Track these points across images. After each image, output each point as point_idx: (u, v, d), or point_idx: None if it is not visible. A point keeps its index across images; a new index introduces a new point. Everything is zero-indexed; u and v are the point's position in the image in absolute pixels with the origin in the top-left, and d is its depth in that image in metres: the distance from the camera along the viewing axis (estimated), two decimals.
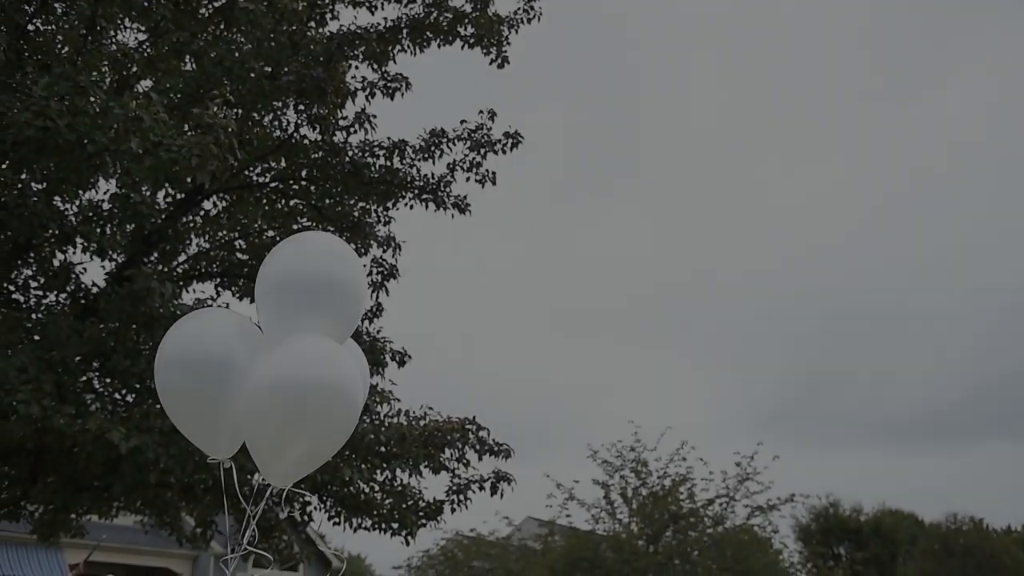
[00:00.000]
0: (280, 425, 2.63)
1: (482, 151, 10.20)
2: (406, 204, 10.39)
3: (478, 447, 9.42)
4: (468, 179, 10.31)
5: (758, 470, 21.55)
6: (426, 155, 10.21)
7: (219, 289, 10.59)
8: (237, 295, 10.68)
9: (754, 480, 21.57)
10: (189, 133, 7.16)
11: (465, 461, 9.45)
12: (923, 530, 37.81)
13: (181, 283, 10.24)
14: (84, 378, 8.93)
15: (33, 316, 9.06)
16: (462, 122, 10.18)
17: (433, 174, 10.31)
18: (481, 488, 9.55)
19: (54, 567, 22.08)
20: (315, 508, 9.63)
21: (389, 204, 10.49)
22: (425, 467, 9.23)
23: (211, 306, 8.89)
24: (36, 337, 8.03)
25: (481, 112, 10.19)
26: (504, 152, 10.22)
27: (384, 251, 10.67)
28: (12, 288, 9.48)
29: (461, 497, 9.53)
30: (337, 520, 9.56)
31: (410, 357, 10.65)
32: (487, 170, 10.30)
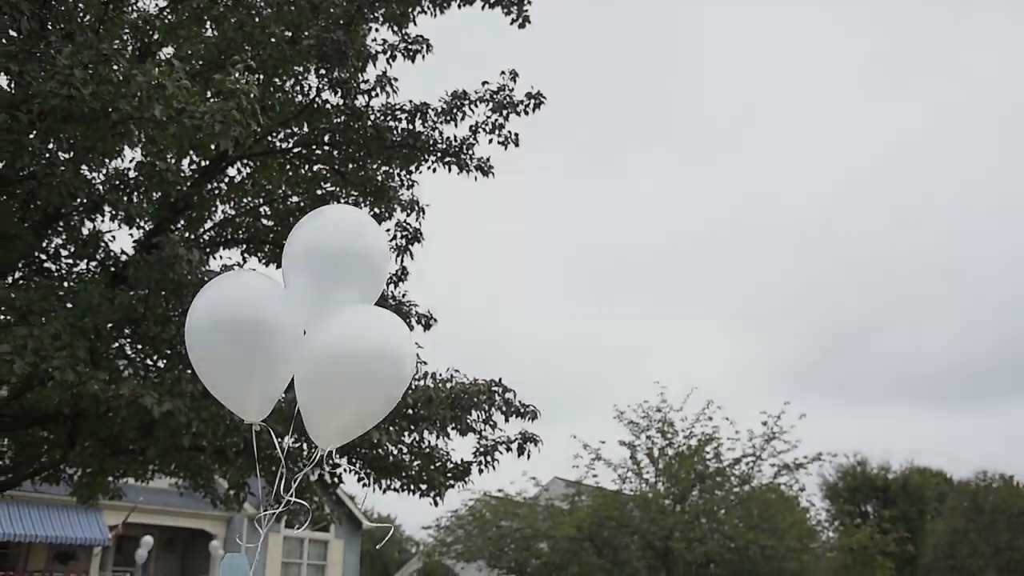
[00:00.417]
0: (335, 392, 2.67)
1: (504, 112, 10.13)
2: (429, 167, 10.37)
3: (504, 409, 9.47)
4: (491, 141, 10.26)
5: (784, 429, 21.59)
6: (448, 118, 10.16)
7: (245, 255, 10.67)
8: (263, 261, 10.76)
9: (780, 439, 21.61)
10: (212, 99, 7.16)
11: (492, 423, 9.51)
12: (952, 488, 37.70)
13: (208, 250, 10.33)
14: (116, 344, 9.08)
15: (65, 284, 9.20)
16: (484, 83, 10.10)
17: (455, 136, 10.27)
18: (508, 449, 9.62)
19: (94, 528, 22.67)
20: (345, 470, 9.78)
21: (412, 167, 10.48)
22: (452, 429, 9.31)
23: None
24: (68, 305, 8.15)
25: (503, 73, 10.10)
26: (527, 113, 10.14)
27: (408, 215, 10.69)
28: (44, 257, 9.62)
29: (488, 458, 9.60)
30: (367, 482, 9.69)
31: (435, 320, 10.71)
32: (510, 132, 10.24)
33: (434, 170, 10.37)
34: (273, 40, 9.10)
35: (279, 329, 2.62)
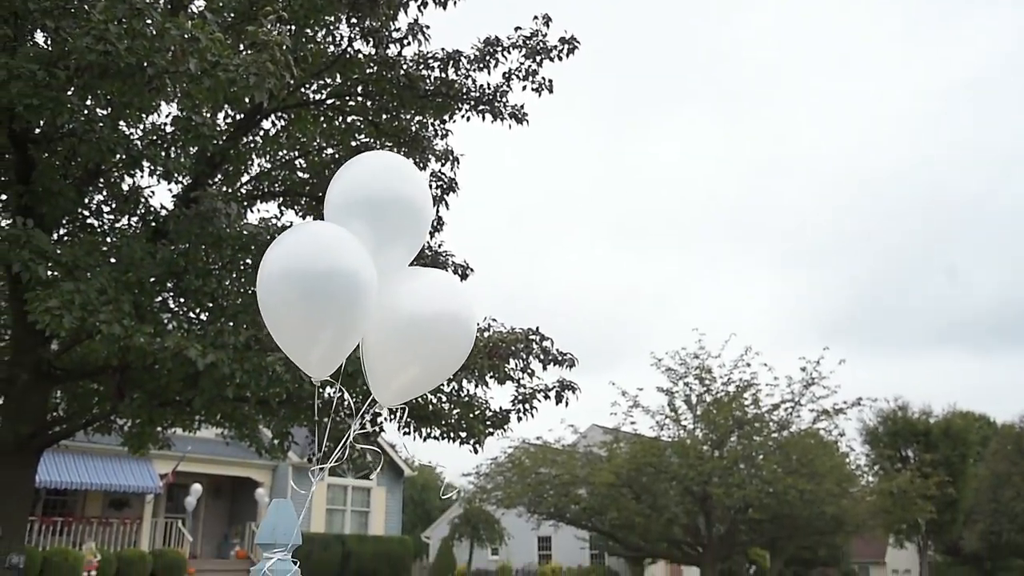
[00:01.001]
0: (403, 353, 2.67)
1: (538, 59, 9.99)
2: (463, 116, 10.30)
3: (542, 357, 9.50)
4: (524, 88, 10.14)
5: (823, 375, 21.46)
6: (481, 65, 10.04)
7: (282, 208, 10.75)
8: (300, 213, 10.82)
9: (819, 385, 21.50)
10: (245, 52, 7.15)
11: (530, 371, 9.56)
12: (995, 431, 37.34)
13: (245, 203, 10.42)
14: (159, 298, 9.24)
15: (108, 240, 9.35)
16: (516, 29, 9.94)
17: (489, 84, 10.16)
18: (546, 397, 9.68)
19: (146, 476, 23.39)
20: (386, 419, 9.92)
21: (446, 117, 10.41)
22: (491, 378, 9.37)
23: (276, 225, 9.02)
24: (112, 260, 8.29)
25: (536, 18, 9.93)
26: (560, 59, 9.98)
27: (442, 165, 10.65)
28: (87, 213, 9.78)
29: (527, 406, 9.67)
30: (407, 430, 9.83)
31: (472, 270, 10.73)
32: (544, 78, 10.10)
33: (468, 119, 10.29)
34: None
35: (356, 283, 2.56)
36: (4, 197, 9.30)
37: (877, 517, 23.32)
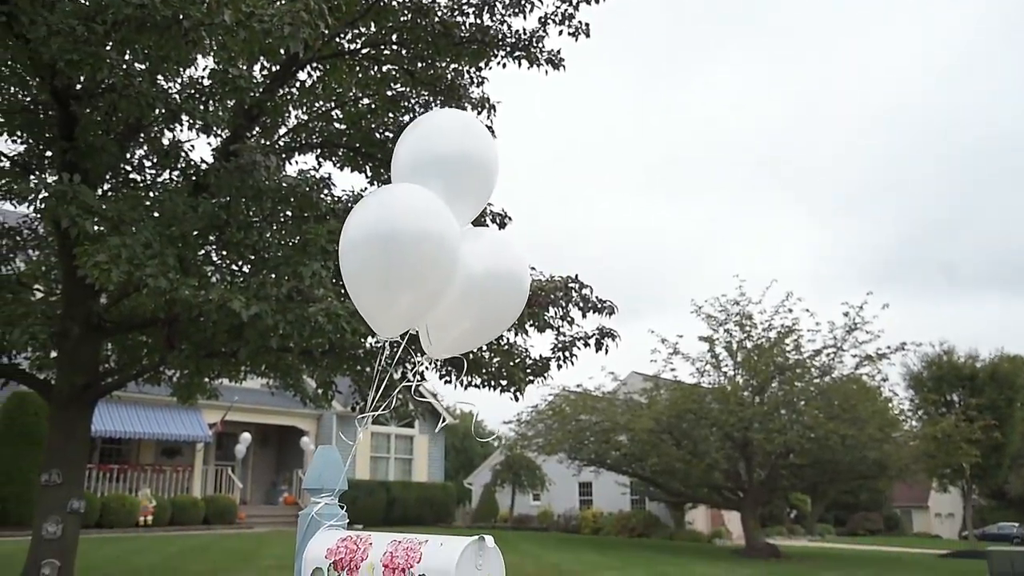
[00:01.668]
0: (459, 309, 2.66)
1: (574, 1, 9.79)
2: (499, 63, 10.16)
3: (581, 305, 9.48)
4: (560, 33, 9.96)
5: (867, 319, 21.20)
6: (516, 9, 9.87)
7: (320, 160, 10.77)
8: (338, 165, 10.84)
9: (862, 329, 21.26)
10: (279, 2, 7.11)
11: (569, 319, 9.56)
12: None
13: (284, 155, 10.46)
14: (202, 252, 9.37)
15: (151, 194, 9.48)
16: None
17: (524, 29, 10.00)
18: (586, 345, 9.68)
19: (195, 426, 24.01)
20: (427, 368, 10.04)
21: (481, 64, 10.28)
22: (530, 326, 9.39)
23: (315, 176, 9.05)
24: (156, 214, 8.41)
25: None
26: (597, 1, 9.77)
27: (479, 113, 10.55)
28: (129, 168, 9.90)
29: (566, 354, 9.69)
30: (448, 379, 9.93)
31: (510, 219, 10.69)
32: (580, 22, 9.91)
33: (504, 65, 10.16)
34: None
35: (443, 245, 2.52)
36: (49, 154, 9.45)
37: (920, 462, 23.18)
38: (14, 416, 20.07)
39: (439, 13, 9.75)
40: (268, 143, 10.33)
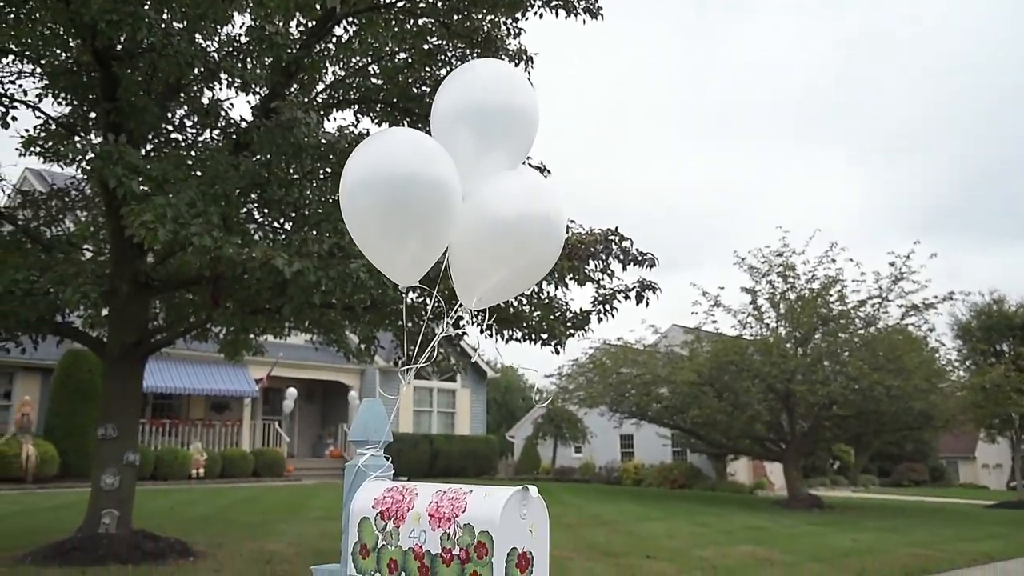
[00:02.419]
0: (493, 256, 2.63)
1: None
2: (535, 13, 10.00)
3: (622, 257, 9.42)
4: None
5: (914, 269, 20.79)
6: None
7: (358, 116, 10.76)
8: (376, 120, 10.83)
9: (909, 279, 20.87)
10: None
11: (609, 272, 9.52)
12: None
13: (322, 112, 10.47)
14: (245, 210, 9.47)
15: (192, 154, 9.57)
16: None
17: None
18: (626, 298, 9.64)
19: (243, 382, 24.54)
20: (468, 322, 10.09)
21: (518, 15, 10.13)
22: (570, 279, 9.37)
23: (353, 132, 9.06)
24: (198, 173, 8.50)
25: None
26: None
27: (516, 65, 10.43)
28: (170, 128, 10.00)
29: (607, 307, 9.67)
30: (489, 333, 9.98)
31: (548, 171, 10.62)
32: None
33: (540, 15, 10.00)
34: None
35: (438, 189, 2.50)
36: (93, 115, 9.58)
37: (968, 412, 22.86)
38: (70, 373, 20.69)
39: None
40: (306, 100, 10.34)
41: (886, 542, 13.09)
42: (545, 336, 9.78)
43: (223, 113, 9.72)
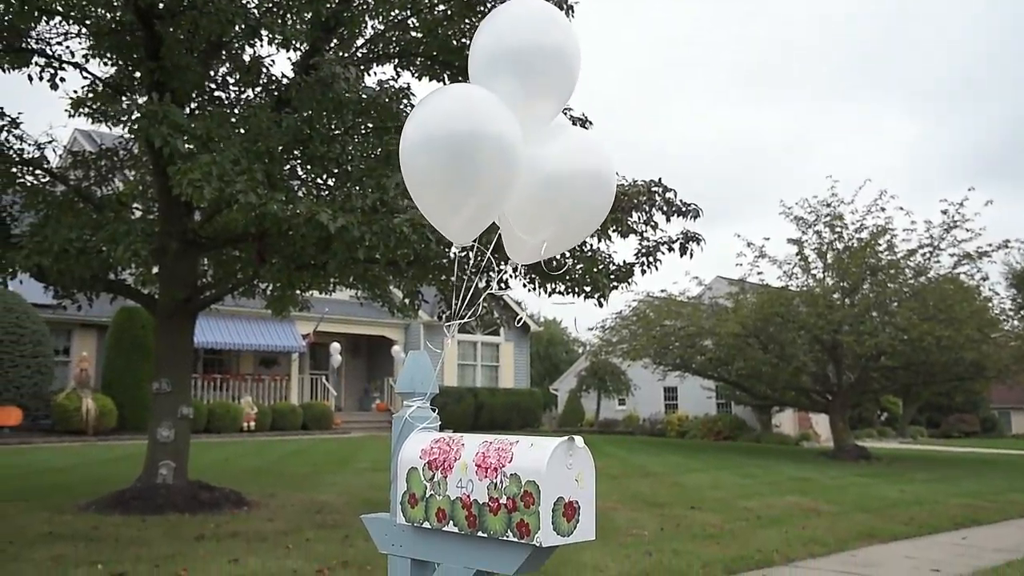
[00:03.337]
0: (543, 212, 2.60)
1: None
2: None
3: (665, 209, 9.33)
4: None
5: (967, 217, 20.25)
6: None
7: (398, 70, 10.70)
8: (416, 75, 10.76)
9: (962, 228, 20.34)
10: None
11: (653, 224, 9.43)
12: None
13: (362, 67, 10.43)
14: (288, 166, 9.53)
15: (235, 111, 9.63)
16: None
17: None
18: (670, 249, 9.56)
19: (290, 337, 24.95)
20: (511, 276, 10.10)
21: None
22: (614, 231, 9.31)
23: (393, 87, 9.02)
24: (241, 131, 8.56)
25: None
26: None
27: None
28: (213, 86, 10.06)
29: (650, 259, 9.60)
30: (532, 287, 9.99)
31: (590, 123, 10.49)
32: None
33: None
34: None
35: (501, 146, 2.43)
36: (138, 75, 9.67)
37: (1021, 362, 22.38)
38: (124, 329, 21.24)
39: None
40: (346, 55, 10.31)
41: (935, 493, 12.98)
42: (588, 289, 9.75)
43: (264, 70, 9.74)
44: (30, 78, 9.68)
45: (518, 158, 2.47)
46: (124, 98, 9.72)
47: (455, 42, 10.32)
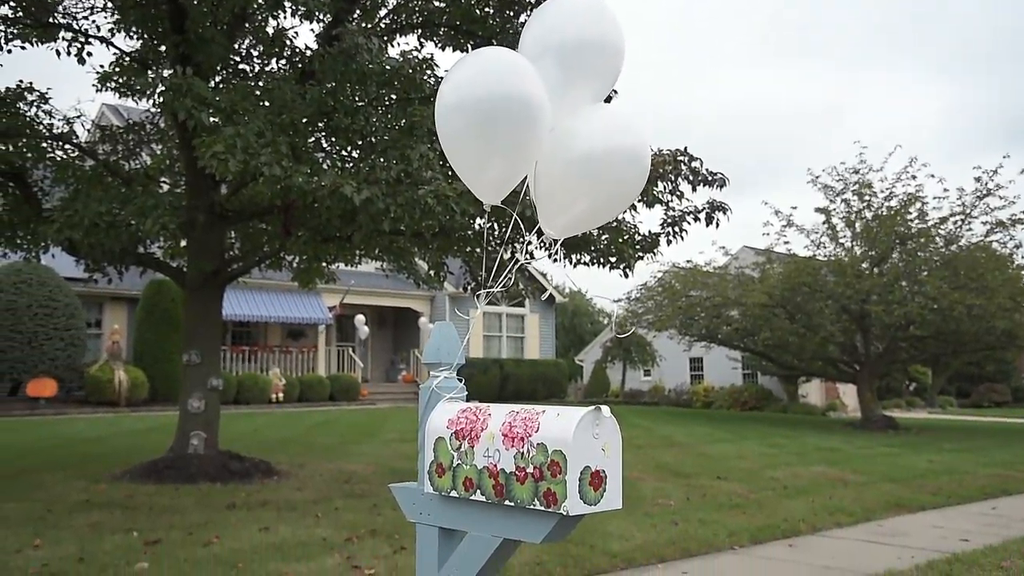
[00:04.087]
0: (577, 188, 2.64)
1: None
2: None
3: (691, 178, 9.23)
4: None
5: (1001, 184, 19.87)
6: None
7: (421, 40, 10.65)
8: (439, 45, 10.70)
9: (996, 195, 19.98)
10: None
11: (678, 193, 9.35)
12: None
13: (385, 38, 10.39)
14: (312, 138, 9.54)
15: (260, 84, 9.64)
16: None
17: None
18: (696, 219, 9.48)
19: (316, 309, 25.14)
20: (536, 247, 10.07)
21: None
22: (639, 201, 9.24)
23: (417, 57, 8.98)
24: (266, 103, 8.57)
25: None
26: None
27: None
28: (238, 59, 10.06)
29: (676, 229, 9.53)
30: (557, 257, 9.94)
31: (616, 92, 10.39)
32: None
33: None
34: None
35: (527, 105, 2.53)
36: (164, 48, 9.69)
37: None
38: (154, 302, 21.52)
39: None
40: (369, 26, 10.27)
41: (964, 463, 12.89)
42: (614, 260, 9.72)
43: (288, 42, 9.73)
44: (58, 53, 9.75)
45: (543, 119, 2.52)
46: (150, 72, 9.76)
47: (478, 11, 10.24)
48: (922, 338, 21.69)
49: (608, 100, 10.64)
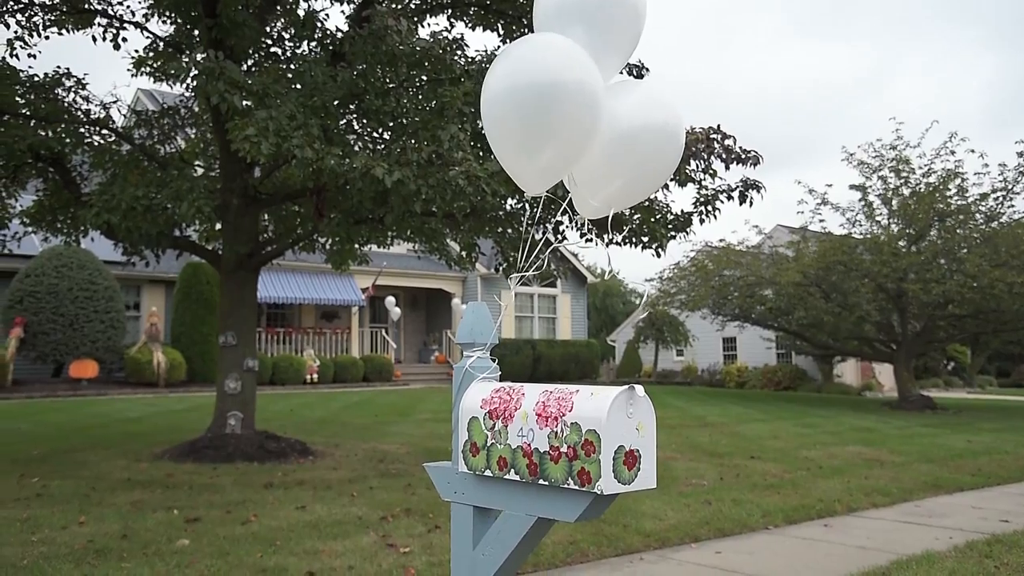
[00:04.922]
0: (611, 167, 2.59)
1: None
2: None
3: (724, 156, 9.14)
4: None
5: None
6: None
7: (451, 21, 10.61)
8: (469, 25, 10.66)
9: None
10: None
11: (711, 171, 9.26)
12: None
13: (415, 19, 10.37)
14: (344, 121, 9.57)
15: (291, 67, 9.68)
16: None
17: None
18: (729, 198, 9.39)
19: (349, 291, 25.33)
20: (568, 227, 10.05)
21: None
22: (671, 180, 9.17)
23: (447, 38, 8.95)
24: (297, 86, 8.61)
25: None
26: None
27: None
28: (269, 42, 10.11)
29: (709, 208, 9.45)
30: (589, 237, 9.92)
31: (647, 70, 10.30)
32: None
33: None
34: None
35: (582, 94, 2.42)
36: (197, 32, 9.77)
37: None
38: (191, 284, 21.84)
39: None
40: (399, 7, 10.25)
41: (1004, 443, 12.70)
42: (646, 239, 9.66)
43: (319, 24, 9.75)
44: (94, 39, 9.87)
45: (600, 107, 2.45)
46: (183, 56, 9.84)
47: None
48: (961, 317, 21.33)
49: (639, 77, 10.59)
